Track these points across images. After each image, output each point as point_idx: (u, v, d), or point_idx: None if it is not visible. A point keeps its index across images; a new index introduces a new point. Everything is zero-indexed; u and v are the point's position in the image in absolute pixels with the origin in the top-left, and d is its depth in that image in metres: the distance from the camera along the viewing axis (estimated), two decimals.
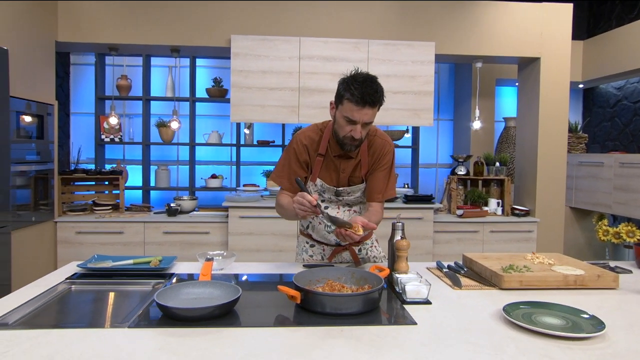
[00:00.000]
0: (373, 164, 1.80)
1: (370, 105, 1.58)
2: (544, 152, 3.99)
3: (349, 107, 1.59)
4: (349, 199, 1.86)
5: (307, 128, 1.85)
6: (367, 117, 1.60)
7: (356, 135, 1.62)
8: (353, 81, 1.60)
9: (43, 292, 1.46)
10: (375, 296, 1.34)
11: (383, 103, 1.65)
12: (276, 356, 1.02)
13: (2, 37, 2.95)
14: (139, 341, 1.09)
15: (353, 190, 1.83)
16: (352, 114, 1.59)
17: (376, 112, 1.63)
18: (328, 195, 1.85)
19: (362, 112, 1.58)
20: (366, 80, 1.59)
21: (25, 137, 3.22)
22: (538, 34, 3.95)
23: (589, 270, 1.62)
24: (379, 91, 1.60)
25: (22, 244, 3.16)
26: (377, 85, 1.61)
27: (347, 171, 1.79)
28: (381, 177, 1.80)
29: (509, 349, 1.08)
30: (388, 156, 1.81)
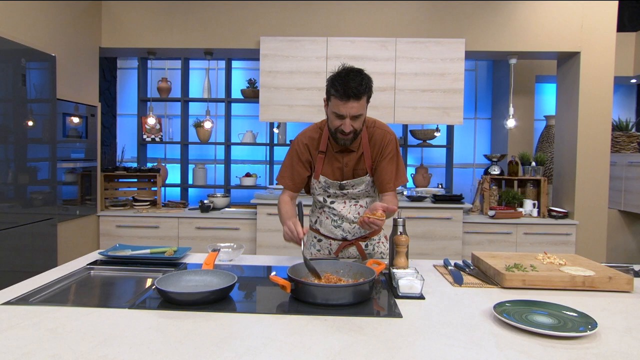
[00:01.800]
0: (376, 155, 1.82)
1: (355, 99, 1.60)
2: (584, 151, 3.79)
3: (335, 103, 1.63)
4: (354, 192, 1.87)
5: (307, 128, 1.89)
6: (354, 110, 1.62)
7: (345, 129, 1.65)
8: (337, 77, 1.63)
9: (64, 275, 1.60)
10: (365, 288, 1.36)
11: (371, 94, 1.67)
12: (254, 338, 1.07)
13: (50, 44, 3.21)
14: (134, 320, 1.18)
15: (357, 183, 1.84)
16: (339, 109, 1.63)
17: (364, 104, 1.65)
18: (333, 190, 1.87)
19: (347, 106, 1.61)
20: (349, 74, 1.61)
21: (71, 137, 3.48)
22: (578, 26, 3.76)
23: (600, 272, 1.55)
24: (364, 83, 1.61)
25: (67, 235, 3.42)
26: (360, 78, 1.61)
27: (350, 165, 1.82)
28: (388, 166, 1.82)
29: (488, 344, 1.07)
30: (390, 145, 1.82)
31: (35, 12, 3.08)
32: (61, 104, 3.32)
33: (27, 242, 2.91)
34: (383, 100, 3.75)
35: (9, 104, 2.74)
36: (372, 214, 1.58)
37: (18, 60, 2.80)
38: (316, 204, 1.99)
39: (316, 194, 1.93)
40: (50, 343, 1.03)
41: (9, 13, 2.83)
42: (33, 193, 2.97)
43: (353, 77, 1.60)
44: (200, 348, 1.02)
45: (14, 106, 2.78)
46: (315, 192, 1.92)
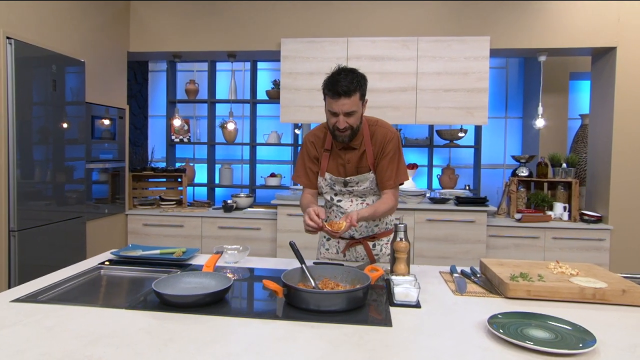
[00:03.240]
0: (378, 153, 1.86)
1: (345, 96, 1.66)
2: (619, 151, 3.59)
3: (328, 101, 1.72)
4: (358, 189, 1.90)
5: (315, 127, 1.98)
6: (345, 107, 1.68)
7: (340, 125, 1.72)
8: (329, 77, 1.72)
9: (76, 274, 1.67)
10: (358, 295, 1.34)
11: (364, 91, 1.73)
12: (237, 343, 1.09)
13: (80, 50, 3.36)
14: (127, 321, 1.22)
15: (360, 179, 1.88)
16: (332, 107, 1.71)
17: (356, 101, 1.70)
18: (338, 187, 1.92)
19: (339, 103, 1.68)
20: (340, 74, 1.69)
21: (101, 139, 3.63)
22: (614, 20, 3.56)
23: (614, 284, 1.47)
24: (354, 81, 1.67)
25: (96, 232, 3.57)
26: (351, 76, 1.68)
27: (352, 161, 1.87)
28: (389, 164, 1.85)
29: (472, 358, 1.03)
30: (391, 144, 1.85)
31: (66, 20, 3.23)
32: (90, 107, 3.47)
33: (59, 239, 3.06)
34: (404, 100, 3.69)
35: (40, 108, 2.89)
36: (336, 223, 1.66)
37: (49, 66, 2.95)
38: (325, 204, 2.03)
39: (324, 192, 1.99)
40: (44, 341, 1.08)
41: (40, 22, 2.98)
42: (63, 193, 3.12)
43: (344, 75, 1.67)
44: (182, 351, 1.04)
45: (44, 110, 2.93)
46: (323, 190, 1.98)
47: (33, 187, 2.85)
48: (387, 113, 3.71)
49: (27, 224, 2.79)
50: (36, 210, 2.88)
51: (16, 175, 2.70)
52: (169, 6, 3.99)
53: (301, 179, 1.98)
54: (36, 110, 2.86)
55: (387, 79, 3.70)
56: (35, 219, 2.86)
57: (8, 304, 1.34)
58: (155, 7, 4.01)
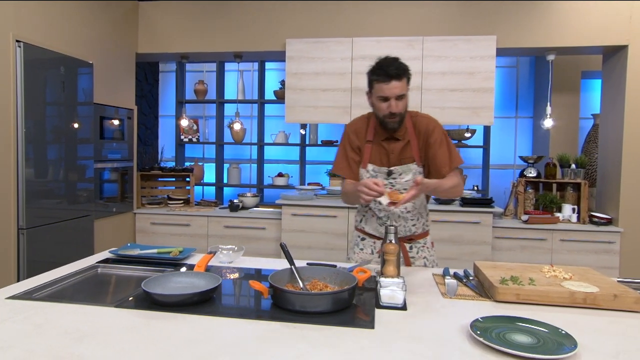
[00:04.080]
0: (423, 144, 1.87)
1: (396, 79, 1.72)
2: (630, 152, 3.51)
3: (379, 87, 1.76)
4: (401, 182, 1.89)
5: (355, 119, 2.01)
6: (397, 90, 1.73)
7: (393, 110, 1.75)
8: (376, 65, 1.79)
9: (73, 272, 1.71)
10: (343, 297, 1.35)
11: (410, 76, 1.78)
12: (216, 342, 1.10)
13: (89, 52, 3.42)
14: (114, 319, 1.25)
15: (404, 170, 1.88)
16: (383, 91, 1.74)
17: (405, 85, 1.75)
18: (381, 178, 1.91)
19: (390, 86, 1.72)
20: (387, 60, 1.76)
21: (109, 139, 3.70)
22: (626, 18, 3.48)
23: (607, 289, 1.44)
24: (402, 65, 1.74)
25: (104, 231, 3.64)
26: (398, 61, 1.75)
27: (395, 152, 1.88)
28: (439, 151, 1.85)
29: None
30: (436, 131, 1.86)
31: (75, 23, 3.30)
32: (99, 107, 3.54)
33: (67, 237, 3.14)
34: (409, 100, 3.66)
35: (48, 109, 2.96)
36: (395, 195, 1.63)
37: (58, 68, 3.02)
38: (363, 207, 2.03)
39: None
40: (31, 338, 1.11)
41: (49, 25, 3.05)
42: (72, 192, 3.19)
43: (391, 61, 1.75)
44: (163, 349, 1.06)
45: (53, 111, 3.00)
46: None
47: (41, 186, 2.92)
48: None
49: (35, 222, 2.87)
50: (45, 209, 2.95)
51: (25, 175, 2.77)
52: (177, 8, 4.05)
53: (343, 170, 1.96)
54: (45, 111, 2.93)
55: None
56: (43, 217, 2.94)
57: (3, 300, 1.38)
58: (163, 9, 4.07)
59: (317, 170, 5.20)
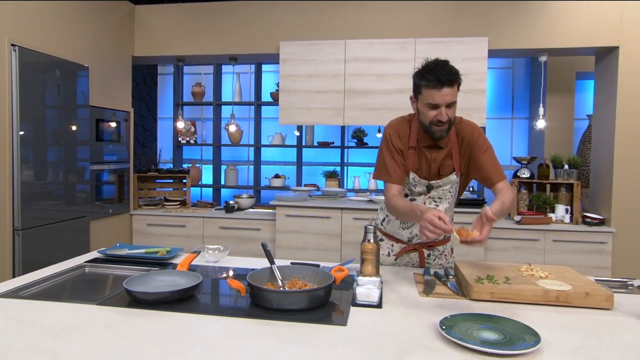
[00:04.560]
0: (466, 152, 1.78)
1: (448, 85, 1.60)
2: (622, 153, 3.52)
3: (428, 94, 1.62)
4: (438, 190, 1.84)
5: (395, 121, 1.86)
6: (448, 98, 1.62)
7: (442, 118, 1.63)
8: (425, 68, 1.65)
9: (61, 271, 1.75)
10: (319, 294, 1.38)
11: (461, 82, 1.67)
12: (188, 339, 1.13)
13: (84, 56, 3.47)
14: (93, 316, 1.28)
15: (444, 182, 1.81)
16: (433, 98, 1.62)
17: (456, 92, 1.64)
18: (419, 189, 1.84)
19: (442, 94, 1.60)
20: (438, 64, 1.63)
21: (105, 141, 3.74)
22: (616, 19, 3.49)
23: (581, 287, 1.46)
24: (454, 70, 1.62)
25: (100, 232, 3.69)
26: (449, 66, 1.63)
27: (437, 161, 1.79)
28: (489, 158, 1.75)
29: (413, 358, 1.05)
30: (481, 138, 1.77)
31: (71, 27, 3.35)
32: (95, 110, 3.58)
33: (62, 238, 3.18)
34: (402, 102, 3.69)
35: (44, 111, 3.01)
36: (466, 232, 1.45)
37: (53, 71, 3.07)
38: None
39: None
40: (10, 334, 1.15)
41: (45, 29, 3.11)
42: (67, 193, 3.24)
43: (442, 65, 1.62)
44: (136, 345, 1.09)
45: (48, 114, 3.05)
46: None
47: (37, 187, 2.97)
48: (385, 114, 3.72)
49: (31, 223, 2.91)
50: (40, 210, 3.00)
51: (20, 176, 2.82)
52: (173, 11, 4.10)
53: (391, 177, 1.78)
54: (40, 114, 2.98)
55: (384, 81, 3.71)
56: (39, 218, 2.98)
57: None
58: (159, 12, 4.12)
59: (314, 172, 5.23)
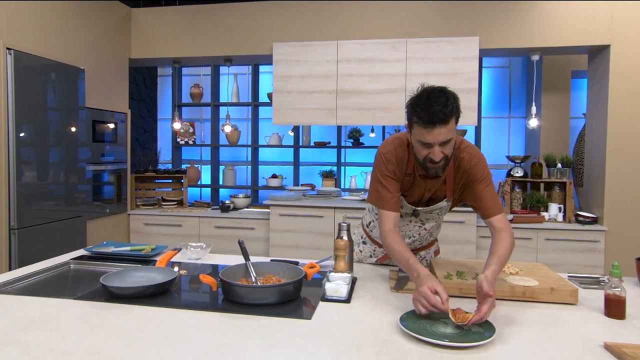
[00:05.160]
0: (462, 179, 1.63)
1: (442, 124, 1.38)
2: (614, 151, 3.51)
3: (420, 131, 1.43)
4: (426, 216, 1.77)
5: (392, 144, 1.65)
6: (442, 137, 1.40)
7: (435, 158, 1.44)
8: (417, 101, 1.42)
9: (46, 268, 1.81)
10: (288, 289, 1.42)
11: (459, 114, 1.44)
12: (152, 331, 1.17)
13: (80, 58, 3.54)
14: (68, 310, 1.33)
15: (432, 209, 1.72)
16: (425, 137, 1.42)
17: (453, 127, 1.42)
18: (406, 210, 1.74)
19: (434, 133, 1.40)
20: (430, 97, 1.39)
21: (102, 142, 3.81)
22: (607, 17, 3.49)
23: (545, 283, 1.49)
24: (449, 104, 1.38)
25: (98, 231, 3.76)
26: (445, 98, 1.39)
27: (432, 190, 1.67)
28: (487, 189, 1.58)
29: (369, 351, 1.09)
30: (480, 166, 1.59)
31: (67, 30, 3.42)
32: (92, 111, 3.65)
33: (58, 237, 3.25)
34: (393, 101, 3.72)
35: (39, 113, 3.08)
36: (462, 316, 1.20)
37: (48, 74, 3.14)
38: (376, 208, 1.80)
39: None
40: None
41: (41, 32, 3.18)
42: (63, 193, 3.31)
43: (435, 98, 1.38)
44: (102, 335, 1.14)
45: (44, 115, 3.12)
46: None
47: (33, 188, 3.04)
48: (377, 114, 3.75)
49: (27, 223, 2.98)
50: (36, 210, 3.06)
51: (16, 177, 2.89)
52: (169, 14, 4.16)
53: (384, 203, 1.62)
54: (36, 116, 3.05)
55: (376, 81, 3.74)
56: (35, 218, 3.05)
57: None
58: (155, 15, 4.19)
59: (311, 172, 5.27)
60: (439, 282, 1.29)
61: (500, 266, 1.37)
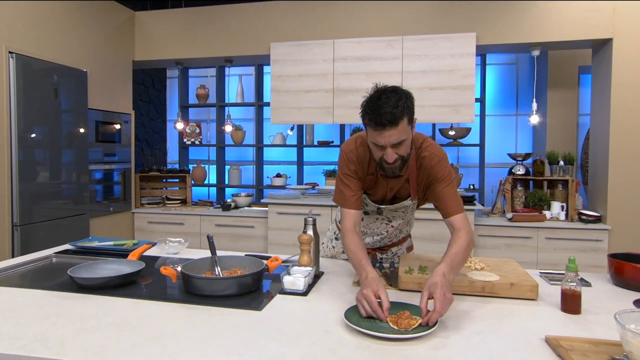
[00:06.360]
0: (424, 178, 1.62)
1: (392, 125, 1.36)
2: (617, 148, 3.41)
3: (371, 133, 1.42)
4: (389, 214, 1.78)
5: (353, 144, 1.65)
6: (393, 139, 1.39)
7: (389, 159, 1.42)
8: (369, 102, 1.41)
9: (29, 260, 1.88)
10: (247, 282, 1.44)
11: (412, 114, 1.41)
12: (106, 319, 1.21)
13: (83, 61, 3.66)
14: (33, 299, 1.39)
15: (396, 207, 1.73)
16: (376, 139, 1.41)
17: (405, 127, 1.39)
18: (370, 208, 1.75)
19: (384, 135, 1.38)
20: (381, 98, 1.37)
21: (104, 142, 3.92)
22: (610, 10, 3.40)
23: (507, 278, 1.46)
24: (399, 105, 1.35)
25: (102, 229, 3.87)
26: (395, 99, 1.36)
27: (395, 189, 1.68)
28: (447, 190, 1.56)
29: (303, 342, 1.10)
30: (442, 165, 1.58)
31: (69, 34, 3.54)
32: (95, 113, 3.76)
33: (61, 234, 3.36)
34: None
35: (41, 115, 3.19)
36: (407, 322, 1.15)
37: (50, 76, 3.26)
38: None
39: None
40: None
41: (43, 36, 3.30)
42: (66, 192, 3.42)
43: (386, 99, 1.36)
44: (56, 323, 1.18)
45: (46, 117, 3.23)
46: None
47: (35, 186, 3.15)
48: None
49: (29, 219, 3.10)
50: (38, 207, 3.18)
51: (19, 176, 3.01)
52: (171, 16, 4.25)
53: (345, 202, 1.63)
54: (38, 117, 3.16)
55: (372, 79, 3.72)
56: (37, 215, 3.16)
57: None
58: (158, 18, 4.28)
59: (316, 171, 5.29)
60: (384, 288, 1.26)
61: (449, 265, 1.33)
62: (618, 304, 1.36)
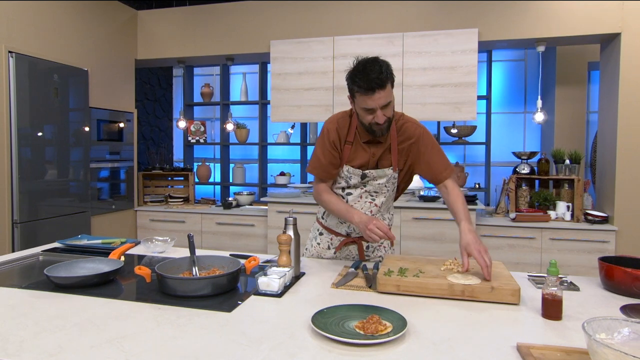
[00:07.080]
0: (408, 149, 1.78)
1: (380, 88, 1.55)
2: (625, 147, 3.30)
3: (361, 99, 1.60)
4: (374, 184, 1.82)
5: (336, 115, 1.84)
6: (382, 100, 1.58)
7: (379, 121, 1.61)
8: (355, 72, 1.60)
9: (16, 258, 1.89)
10: (222, 282, 1.42)
11: (393, 78, 1.61)
12: (76, 318, 1.20)
13: (84, 60, 3.69)
14: (8, 298, 1.39)
15: (379, 174, 1.80)
16: (367, 103, 1.59)
17: (389, 90, 1.59)
18: (354, 180, 1.82)
19: (374, 98, 1.57)
20: (366, 66, 1.57)
21: (106, 140, 3.95)
22: (618, 4, 3.28)
23: (488, 282, 1.41)
24: (384, 70, 1.55)
25: (104, 227, 3.90)
26: (378, 65, 1.56)
27: (376, 155, 1.78)
28: (435, 156, 1.77)
29: (265, 345, 1.07)
30: (426, 136, 1.78)
31: (70, 34, 3.57)
32: (97, 111, 3.80)
33: (62, 231, 3.40)
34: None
35: (42, 113, 3.23)
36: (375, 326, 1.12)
37: (51, 76, 3.29)
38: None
39: (336, 185, 1.88)
40: None
41: (43, 36, 3.33)
42: (66, 190, 3.46)
43: (371, 67, 1.55)
44: (19, 322, 1.18)
45: (46, 115, 3.27)
46: (336, 183, 1.87)
47: (36, 184, 3.19)
48: None
49: (29, 217, 3.14)
50: (39, 205, 3.22)
51: (19, 173, 3.05)
52: (172, 15, 4.26)
53: (319, 172, 1.81)
54: (38, 116, 3.20)
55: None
56: (38, 212, 3.20)
57: None
58: (159, 17, 4.30)
59: None
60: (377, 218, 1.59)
61: (468, 219, 1.65)
62: (603, 310, 1.30)
